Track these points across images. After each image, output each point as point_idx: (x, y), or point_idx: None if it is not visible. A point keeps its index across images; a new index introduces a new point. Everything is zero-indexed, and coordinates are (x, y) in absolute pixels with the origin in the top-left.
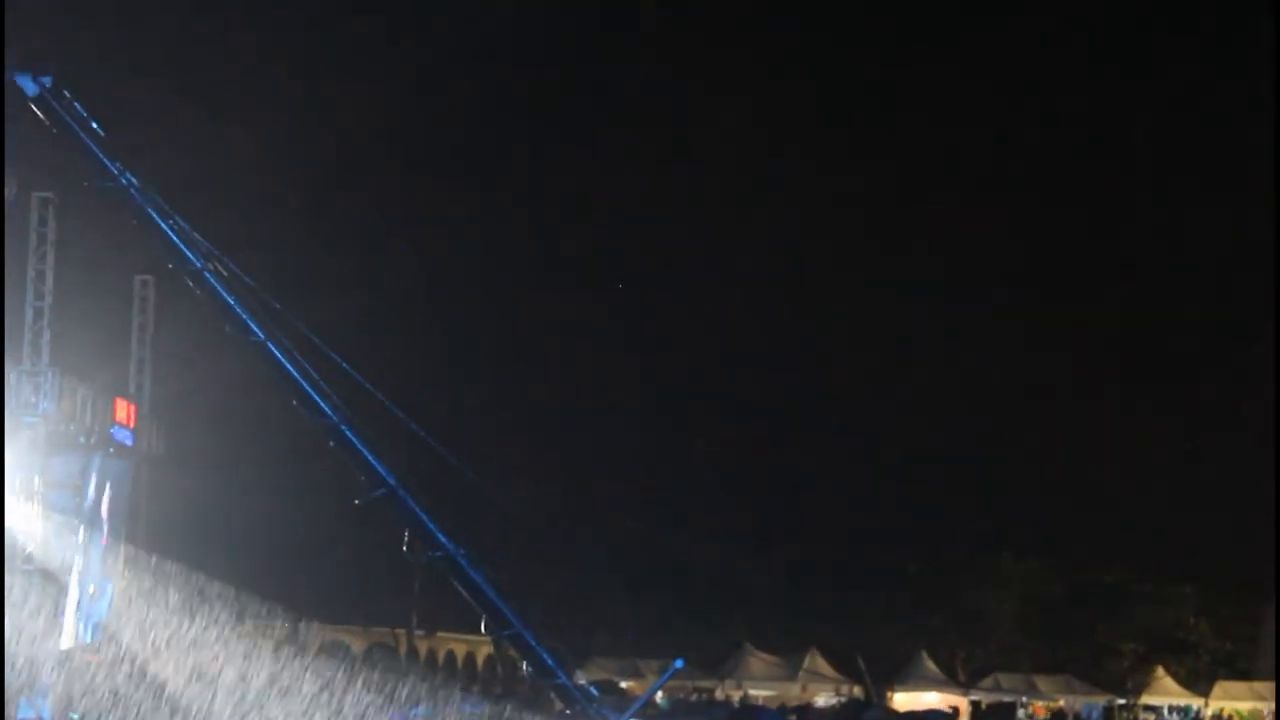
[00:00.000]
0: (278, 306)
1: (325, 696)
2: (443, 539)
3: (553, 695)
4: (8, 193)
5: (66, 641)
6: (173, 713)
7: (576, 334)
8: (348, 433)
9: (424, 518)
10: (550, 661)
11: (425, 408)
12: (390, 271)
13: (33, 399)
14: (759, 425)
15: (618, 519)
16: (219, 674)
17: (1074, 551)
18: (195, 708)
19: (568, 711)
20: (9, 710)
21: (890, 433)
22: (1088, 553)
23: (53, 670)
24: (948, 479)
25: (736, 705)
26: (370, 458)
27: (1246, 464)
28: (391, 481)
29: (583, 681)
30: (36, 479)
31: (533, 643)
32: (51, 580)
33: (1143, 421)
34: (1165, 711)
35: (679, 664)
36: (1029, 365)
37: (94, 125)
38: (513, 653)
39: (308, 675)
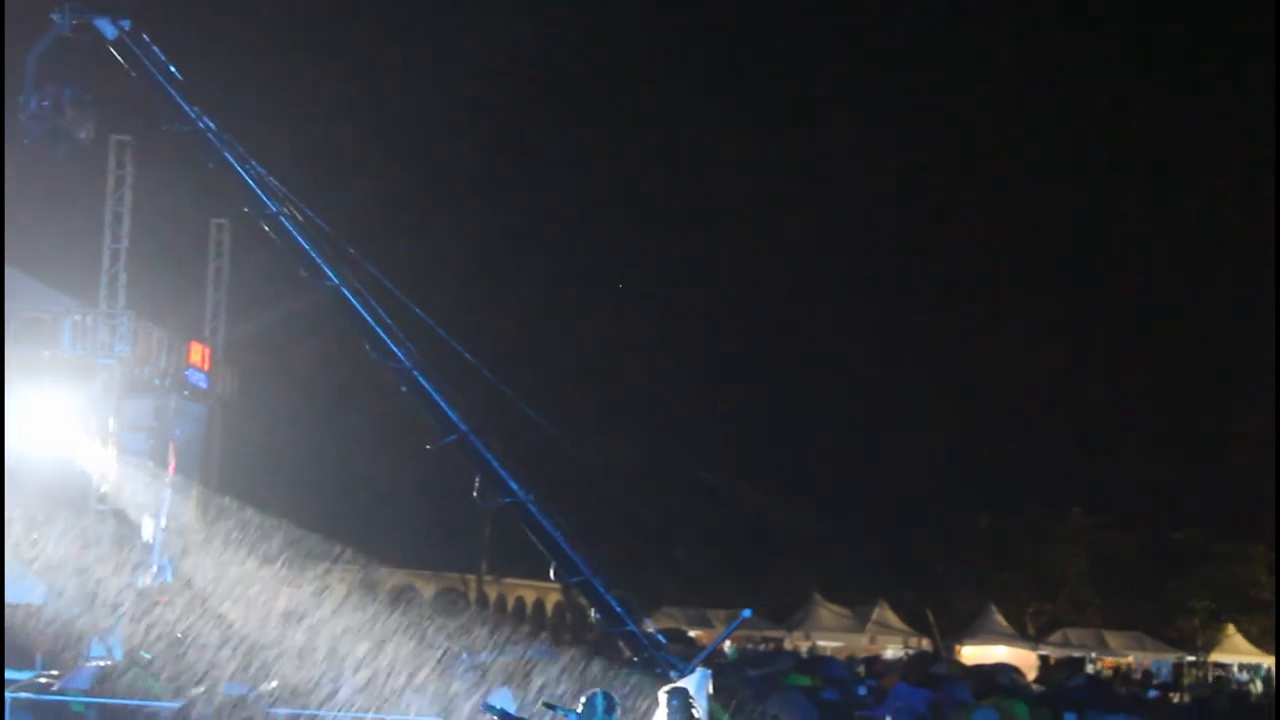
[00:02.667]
0: (352, 251)
1: (395, 640)
2: (513, 485)
3: (620, 643)
4: (84, 134)
5: (139, 581)
6: (243, 653)
7: (651, 286)
8: (420, 378)
9: (495, 464)
10: (619, 609)
11: (499, 356)
12: (466, 219)
13: (108, 341)
14: (832, 380)
15: (691, 470)
16: (290, 615)
17: (1146, 508)
18: (265, 648)
19: (635, 659)
20: (83, 650)
21: (963, 388)
22: (1160, 510)
23: (125, 610)
24: (1020, 435)
25: (804, 656)
26: (442, 403)
27: None
28: (463, 427)
29: (651, 630)
30: (111, 421)
31: (601, 590)
32: (125, 521)
33: (1217, 380)
34: (1235, 669)
35: (747, 614)
36: (1105, 322)
37: (171, 69)
38: (581, 600)
39: (378, 619)
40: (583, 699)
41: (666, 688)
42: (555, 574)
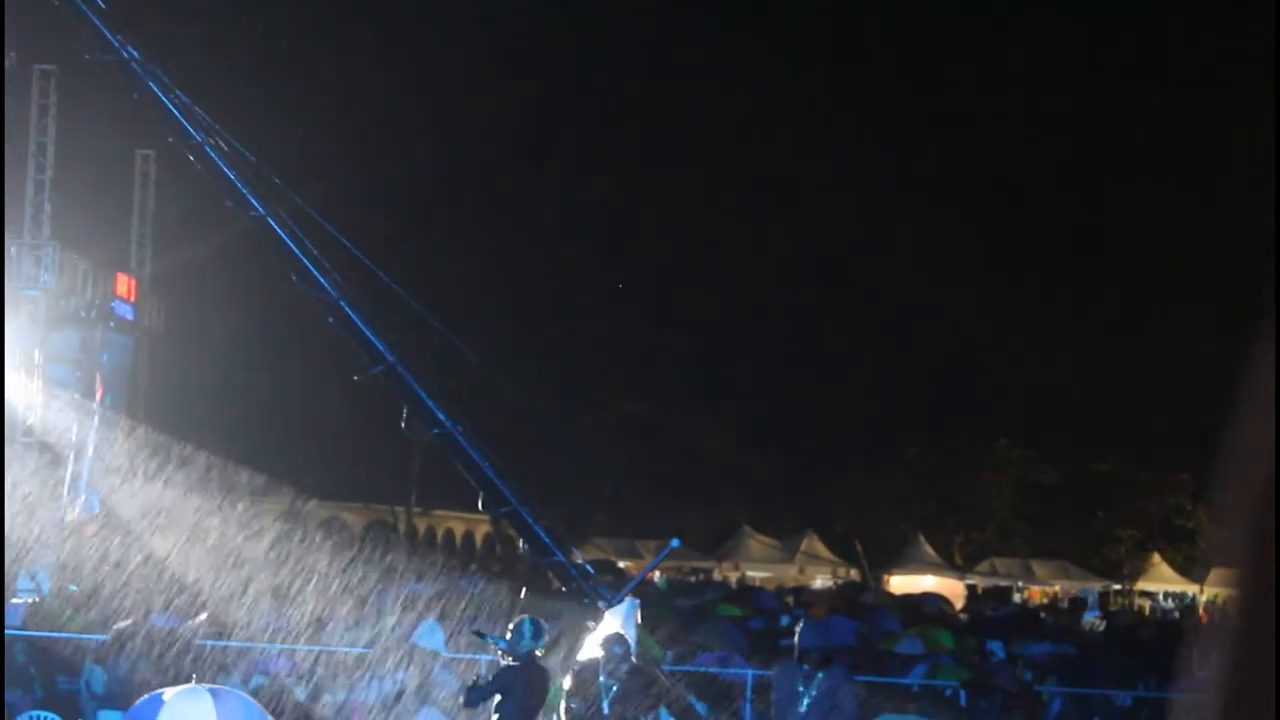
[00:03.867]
0: (278, 182)
1: (324, 572)
2: (441, 416)
3: (550, 573)
4: (6, 64)
5: (66, 514)
6: (172, 585)
7: (579, 217)
8: (346, 308)
9: (422, 395)
10: (547, 539)
11: (426, 288)
12: (395, 150)
13: (33, 272)
14: (760, 310)
15: (617, 401)
16: (218, 547)
17: (1073, 438)
18: (194, 581)
19: (564, 589)
20: (8, 584)
21: (890, 318)
22: (1087, 439)
23: (52, 542)
24: (947, 365)
25: (733, 586)
26: (369, 334)
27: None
28: (390, 358)
29: (580, 560)
30: (36, 352)
31: (529, 520)
32: (51, 453)
33: (1145, 309)
34: (1160, 598)
35: (675, 543)
36: (1030, 250)
37: None
38: (510, 531)
39: (307, 551)
40: (510, 626)
41: (607, 636)
42: (484, 505)
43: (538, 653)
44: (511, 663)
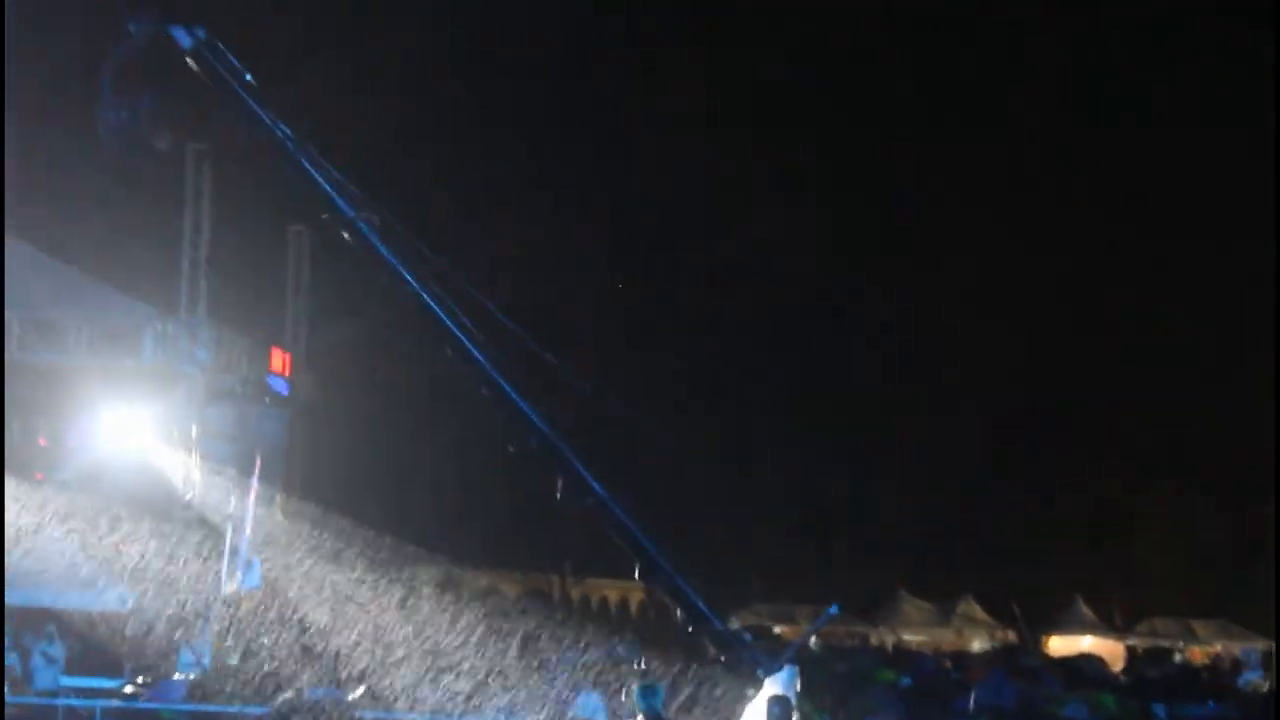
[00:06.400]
0: (429, 255)
1: (483, 642)
2: (596, 486)
3: (706, 641)
4: (162, 144)
5: (225, 588)
6: (332, 660)
7: (734, 266)
8: (500, 382)
9: (577, 465)
10: (704, 608)
11: (578, 351)
12: (543, 215)
13: (189, 349)
14: (909, 370)
15: (775, 464)
16: (376, 619)
17: (1232, 488)
18: (353, 655)
19: (721, 658)
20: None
21: (1050, 374)
22: (1246, 489)
23: (212, 617)
24: (1110, 417)
25: (890, 651)
26: (522, 405)
27: None
28: (545, 429)
29: (736, 627)
30: (194, 428)
31: (686, 590)
32: (209, 528)
33: None
34: None
35: (833, 610)
36: (1196, 290)
37: (247, 77)
38: (666, 599)
39: (465, 621)
40: (638, 708)
41: (770, 698)
42: (640, 573)
43: (661, 712)
44: None
